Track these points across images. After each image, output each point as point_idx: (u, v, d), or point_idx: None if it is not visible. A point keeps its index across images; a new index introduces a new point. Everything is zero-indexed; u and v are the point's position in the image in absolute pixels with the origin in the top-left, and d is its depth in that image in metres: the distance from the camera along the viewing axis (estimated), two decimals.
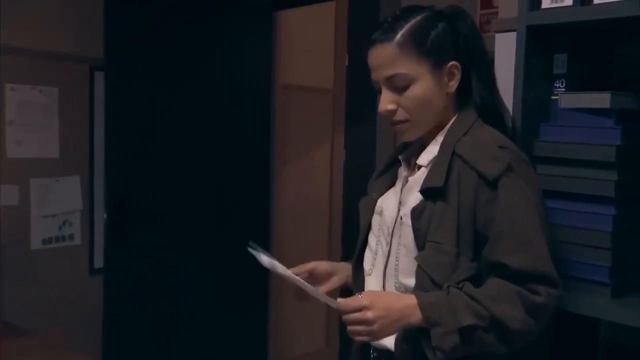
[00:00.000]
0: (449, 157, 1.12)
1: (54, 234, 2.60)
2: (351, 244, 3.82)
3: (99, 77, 2.64)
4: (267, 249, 3.35)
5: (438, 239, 1.09)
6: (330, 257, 3.42)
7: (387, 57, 1.14)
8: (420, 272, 1.10)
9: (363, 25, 3.46)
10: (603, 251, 1.14)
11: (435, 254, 1.09)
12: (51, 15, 2.53)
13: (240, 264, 3.00)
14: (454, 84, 1.16)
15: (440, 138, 1.18)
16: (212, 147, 2.83)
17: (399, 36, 1.13)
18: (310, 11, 3.06)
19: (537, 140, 1.22)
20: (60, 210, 2.61)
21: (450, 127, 1.17)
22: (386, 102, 1.16)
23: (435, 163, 1.15)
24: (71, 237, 2.65)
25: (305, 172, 3.31)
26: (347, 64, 3.53)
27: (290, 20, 3.13)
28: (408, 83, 1.13)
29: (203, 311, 2.81)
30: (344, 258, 3.49)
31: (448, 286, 1.07)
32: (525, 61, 1.17)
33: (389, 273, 1.19)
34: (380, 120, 2.47)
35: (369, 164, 3.40)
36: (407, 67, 1.13)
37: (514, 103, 1.20)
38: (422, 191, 1.13)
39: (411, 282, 1.13)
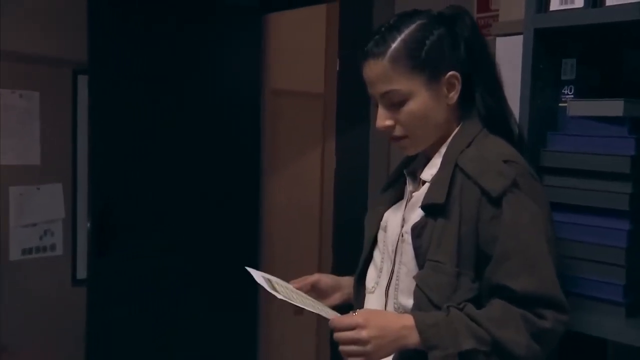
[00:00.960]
0: (450, 171, 1.05)
1: (35, 244, 2.50)
2: (342, 251, 3.77)
3: (83, 80, 2.55)
4: (257, 256, 3.28)
5: (438, 258, 1.03)
6: (320, 265, 3.36)
7: (379, 73, 1.08)
8: (419, 293, 1.03)
9: (355, 29, 3.40)
10: (616, 268, 1.08)
11: (434, 274, 1.03)
12: (33, 17, 2.45)
13: (230, 274, 2.93)
14: (454, 95, 1.09)
15: (443, 150, 1.11)
16: (201, 153, 2.75)
17: (391, 50, 1.06)
18: (301, 14, 2.99)
19: (544, 149, 1.15)
20: (41, 219, 2.52)
21: (452, 138, 1.11)
22: (383, 118, 1.10)
23: (436, 178, 1.08)
24: (53, 247, 2.56)
25: (296, 178, 3.24)
26: (338, 68, 3.49)
27: (280, 24, 3.07)
28: (404, 99, 1.07)
29: (190, 324, 2.72)
30: (335, 265, 3.46)
31: (448, 307, 1.00)
32: (533, 66, 1.10)
33: (391, 292, 1.12)
34: (373, 127, 2.41)
35: (360, 170, 3.33)
36: (400, 83, 1.07)
37: (520, 110, 1.14)
38: (423, 207, 1.06)
39: (410, 302, 1.06)
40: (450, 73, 1.08)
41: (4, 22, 2.38)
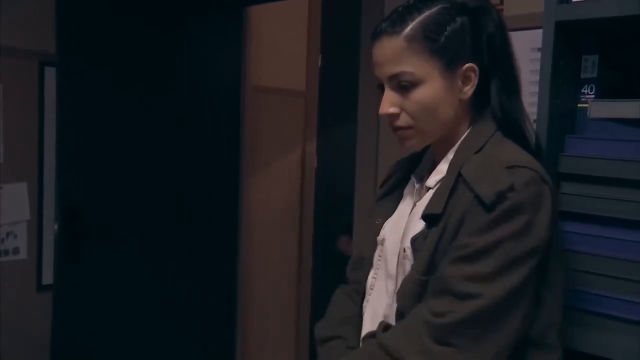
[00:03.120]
0: (453, 179, 0.95)
1: None
2: (322, 252, 3.67)
3: (50, 73, 2.38)
4: (236, 257, 3.18)
5: (413, 265, 0.95)
6: (300, 266, 3.27)
7: (392, 51, 0.97)
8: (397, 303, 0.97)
9: (339, 23, 3.30)
10: (637, 284, 0.99)
11: (406, 281, 0.96)
12: None
13: (207, 279, 2.84)
14: (469, 90, 0.98)
15: (450, 155, 1.01)
16: (177, 152, 2.61)
17: (408, 29, 0.96)
18: (283, 7, 2.88)
19: (561, 154, 1.06)
20: (4, 220, 2.35)
21: (461, 142, 1.00)
22: (388, 104, 0.99)
23: (440, 186, 0.98)
24: (16, 250, 2.40)
25: (276, 178, 3.14)
26: (320, 65, 3.38)
27: (261, 17, 2.95)
28: (414, 84, 0.96)
29: (165, 333, 2.58)
30: (315, 267, 3.36)
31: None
32: (553, 63, 1.00)
33: (392, 314, 1.00)
34: (361, 126, 2.30)
35: (342, 170, 3.23)
36: (414, 65, 0.96)
37: (538, 111, 1.04)
38: (424, 218, 0.97)
39: None
40: (467, 65, 0.97)
41: None
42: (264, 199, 3.06)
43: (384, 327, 0.98)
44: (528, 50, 1.45)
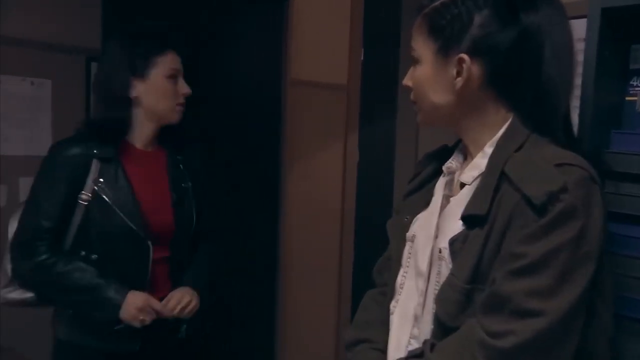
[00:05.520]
0: (496, 178, 0.89)
1: None
2: (363, 247, 3.63)
3: (96, 68, 2.43)
4: (276, 251, 3.19)
5: (454, 270, 0.90)
6: (341, 263, 3.25)
7: (414, 26, 1.00)
8: (435, 310, 0.91)
9: (381, 18, 3.26)
10: None
11: (446, 288, 0.90)
12: (44, 2, 2.34)
13: (248, 273, 2.85)
14: (459, 82, 0.94)
15: (489, 151, 0.95)
16: (217, 145, 2.63)
17: (428, 8, 0.97)
18: (324, 1, 2.86)
19: (607, 150, 1.00)
20: None
21: (501, 137, 0.95)
22: (406, 77, 1.03)
23: (481, 184, 0.93)
24: None
25: (317, 172, 3.12)
26: (362, 58, 3.35)
27: (302, 11, 2.93)
28: (416, 61, 0.99)
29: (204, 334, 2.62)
30: (356, 262, 3.33)
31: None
32: (598, 54, 0.95)
33: (424, 318, 0.96)
34: (400, 120, 2.27)
35: (384, 165, 3.19)
36: (417, 42, 0.99)
37: (581, 105, 0.99)
38: (464, 218, 0.91)
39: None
40: (460, 55, 0.93)
41: (16, 9, 2.28)
42: (305, 194, 3.05)
43: (431, 345, 0.91)
44: None
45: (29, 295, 1.66)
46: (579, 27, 0.97)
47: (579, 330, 0.84)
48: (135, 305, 1.56)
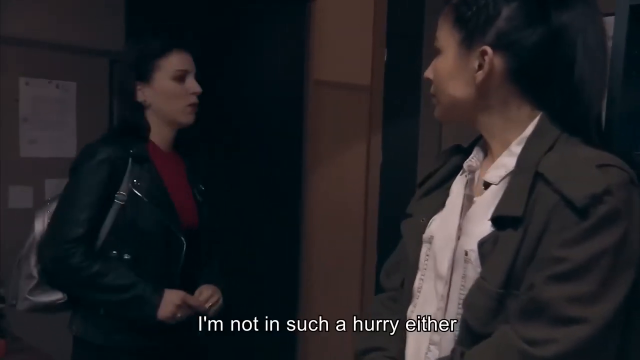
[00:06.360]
0: (530, 178, 0.85)
1: None
2: (387, 249, 3.62)
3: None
4: (299, 254, 3.18)
5: (484, 274, 0.85)
6: (364, 265, 3.23)
7: (441, 16, 0.97)
8: (462, 314, 0.87)
9: (405, 18, 3.23)
10: None
11: (476, 292, 0.86)
12: (69, 6, 2.37)
13: (270, 273, 2.85)
14: (479, 75, 0.91)
15: (516, 149, 0.91)
16: (240, 145, 2.64)
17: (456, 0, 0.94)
18: (347, 1, 2.85)
19: (636, 152, 0.97)
20: None
21: (531, 136, 0.91)
22: (428, 68, 0.99)
23: (512, 184, 0.88)
24: None
25: (340, 173, 3.11)
26: (385, 59, 3.33)
27: (325, 11, 2.92)
28: (438, 51, 0.97)
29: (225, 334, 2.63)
30: (379, 265, 3.30)
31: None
32: (627, 53, 0.91)
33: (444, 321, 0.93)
34: (423, 120, 2.24)
35: (407, 166, 3.16)
36: (441, 32, 0.96)
37: (609, 106, 0.95)
38: (494, 220, 0.87)
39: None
40: (483, 47, 0.90)
41: (41, 12, 2.31)
42: (328, 194, 3.04)
43: (460, 353, 0.87)
44: None
45: (55, 298, 1.66)
46: (606, 25, 0.93)
47: (617, 339, 0.81)
48: (173, 302, 1.57)
